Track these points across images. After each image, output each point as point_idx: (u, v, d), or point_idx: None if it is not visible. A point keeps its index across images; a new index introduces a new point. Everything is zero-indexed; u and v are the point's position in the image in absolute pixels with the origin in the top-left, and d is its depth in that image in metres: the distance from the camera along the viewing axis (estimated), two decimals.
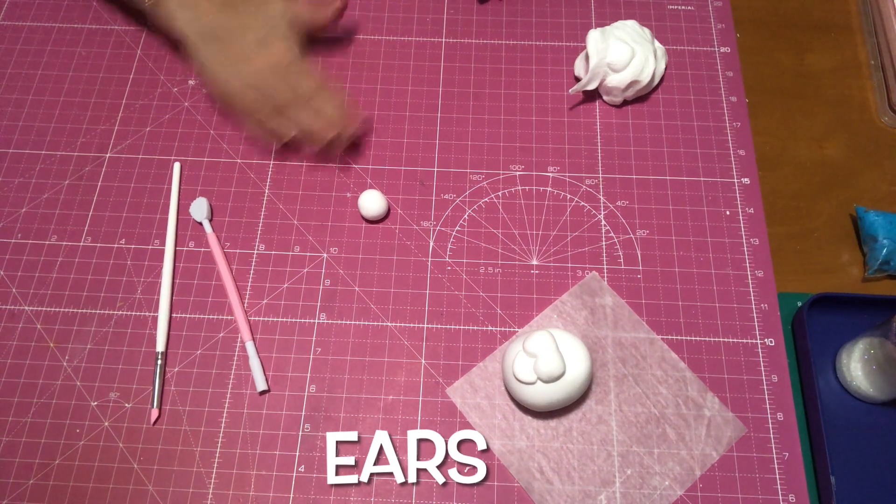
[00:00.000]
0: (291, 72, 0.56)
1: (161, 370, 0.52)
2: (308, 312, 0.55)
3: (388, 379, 0.53)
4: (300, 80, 0.56)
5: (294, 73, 0.56)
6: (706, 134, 0.61)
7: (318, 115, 0.57)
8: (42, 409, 0.52)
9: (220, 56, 0.56)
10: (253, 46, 0.56)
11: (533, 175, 0.60)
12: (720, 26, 0.66)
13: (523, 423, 0.51)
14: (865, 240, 0.56)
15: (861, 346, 0.52)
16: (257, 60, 0.56)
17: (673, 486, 0.49)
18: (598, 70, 0.59)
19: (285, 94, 0.56)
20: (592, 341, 0.53)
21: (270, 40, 0.56)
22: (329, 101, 0.57)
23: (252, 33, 0.56)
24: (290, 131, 0.57)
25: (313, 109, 0.56)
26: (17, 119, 0.62)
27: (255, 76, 0.56)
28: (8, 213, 0.58)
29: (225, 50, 0.56)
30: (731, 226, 0.57)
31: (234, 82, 0.56)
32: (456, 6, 0.67)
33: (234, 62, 0.56)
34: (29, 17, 0.67)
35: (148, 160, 0.60)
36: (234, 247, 0.57)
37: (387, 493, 0.49)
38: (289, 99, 0.56)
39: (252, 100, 0.56)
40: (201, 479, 0.50)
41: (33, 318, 0.54)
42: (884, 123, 0.62)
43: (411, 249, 0.57)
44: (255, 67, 0.56)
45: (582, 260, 0.56)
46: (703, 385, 0.52)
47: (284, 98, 0.56)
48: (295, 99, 0.56)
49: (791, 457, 0.50)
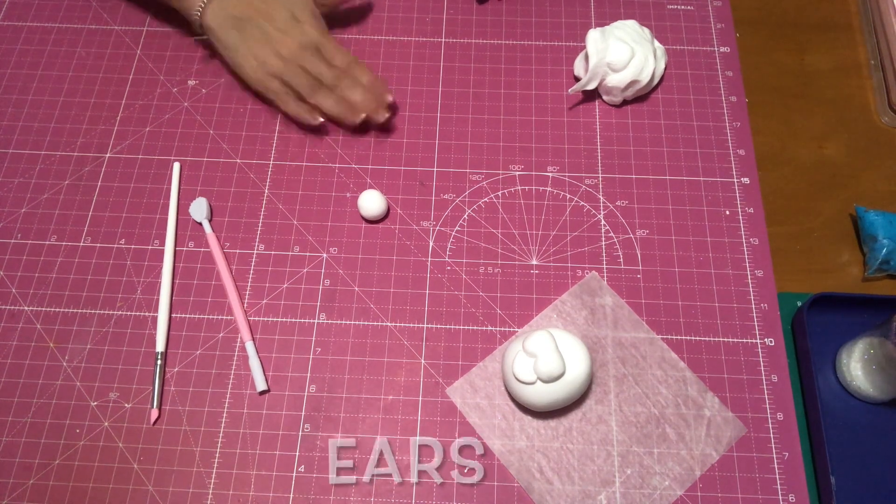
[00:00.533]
0: (323, 47, 0.57)
1: (161, 370, 0.52)
2: (308, 312, 0.55)
3: (388, 379, 0.53)
4: (324, 66, 0.57)
5: (318, 57, 0.57)
6: (706, 134, 0.61)
7: (355, 87, 0.57)
8: (42, 409, 0.52)
9: (244, 46, 0.57)
10: (275, 34, 0.56)
11: (533, 175, 0.60)
12: (720, 26, 0.66)
13: (523, 423, 0.51)
14: (865, 240, 0.56)
15: (861, 346, 0.51)
16: (289, 39, 0.56)
17: (673, 486, 0.49)
18: (598, 70, 0.59)
19: (309, 80, 0.57)
20: (592, 341, 0.53)
21: (292, 26, 0.57)
22: (356, 86, 0.58)
23: (279, 13, 0.57)
24: (315, 119, 0.58)
25: (349, 82, 0.57)
26: (17, 119, 0.62)
27: (278, 64, 0.56)
28: (8, 213, 0.58)
29: (248, 39, 0.57)
30: (731, 226, 0.57)
31: (259, 71, 0.57)
32: (456, 6, 0.67)
33: (258, 51, 0.57)
34: (29, 17, 0.67)
35: (148, 160, 0.60)
36: (234, 247, 0.57)
37: (387, 493, 0.49)
38: (313, 85, 0.57)
39: (277, 88, 0.57)
40: (201, 479, 0.50)
41: (33, 318, 0.54)
42: (884, 123, 0.62)
43: (411, 249, 0.57)
44: (278, 55, 0.56)
45: (582, 260, 0.56)
46: (703, 385, 0.52)
47: (308, 84, 0.57)
48: (329, 73, 0.57)
49: (791, 457, 0.50)
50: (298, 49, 0.56)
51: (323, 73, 0.57)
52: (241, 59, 0.58)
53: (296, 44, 0.56)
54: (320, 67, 0.57)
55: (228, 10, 0.57)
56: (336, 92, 0.58)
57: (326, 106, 0.58)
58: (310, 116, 0.58)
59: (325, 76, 0.57)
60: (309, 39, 0.57)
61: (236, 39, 0.57)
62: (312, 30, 0.57)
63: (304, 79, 0.57)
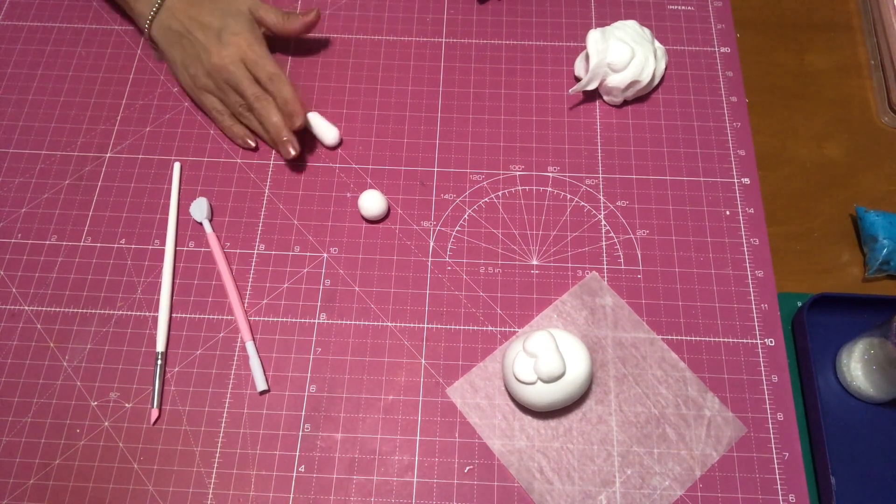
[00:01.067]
0: (249, 59, 0.56)
1: (161, 370, 0.52)
2: (308, 312, 0.55)
3: (388, 379, 0.53)
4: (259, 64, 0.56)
5: (252, 60, 0.56)
6: (706, 134, 0.61)
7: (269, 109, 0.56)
8: (42, 409, 0.52)
9: (183, 53, 0.57)
10: (212, 40, 0.56)
11: (533, 175, 0.60)
12: (720, 26, 0.66)
13: (523, 423, 0.51)
14: (865, 240, 0.56)
15: (861, 346, 0.52)
16: (216, 54, 0.56)
17: (673, 486, 0.49)
18: (598, 70, 0.59)
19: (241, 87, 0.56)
20: (592, 341, 0.53)
21: (227, 32, 0.56)
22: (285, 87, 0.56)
23: (210, 27, 0.57)
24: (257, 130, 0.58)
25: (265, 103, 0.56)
26: (17, 119, 0.62)
27: (216, 70, 0.56)
28: (8, 213, 0.58)
29: (186, 47, 0.57)
30: (731, 226, 0.57)
31: (200, 78, 0.57)
32: (456, 6, 0.67)
33: (196, 59, 0.57)
34: (29, 17, 0.67)
35: (148, 160, 0.60)
36: (234, 247, 0.57)
37: (387, 493, 0.49)
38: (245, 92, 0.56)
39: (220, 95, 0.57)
40: (201, 479, 0.50)
41: (33, 318, 0.54)
42: (884, 123, 0.62)
43: (411, 249, 0.57)
44: (216, 61, 0.56)
45: (582, 260, 0.56)
46: (703, 385, 0.52)
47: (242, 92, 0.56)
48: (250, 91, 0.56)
49: (791, 457, 0.50)
50: (224, 64, 0.55)
51: (244, 91, 0.55)
52: (178, 73, 0.58)
53: (221, 59, 0.55)
54: (241, 85, 0.56)
55: (167, 23, 0.57)
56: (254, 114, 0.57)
57: (253, 127, 0.57)
58: (241, 140, 0.58)
59: (246, 95, 0.56)
60: (235, 54, 0.56)
61: (174, 53, 0.58)
62: (243, 42, 0.56)
63: (234, 97, 0.56)
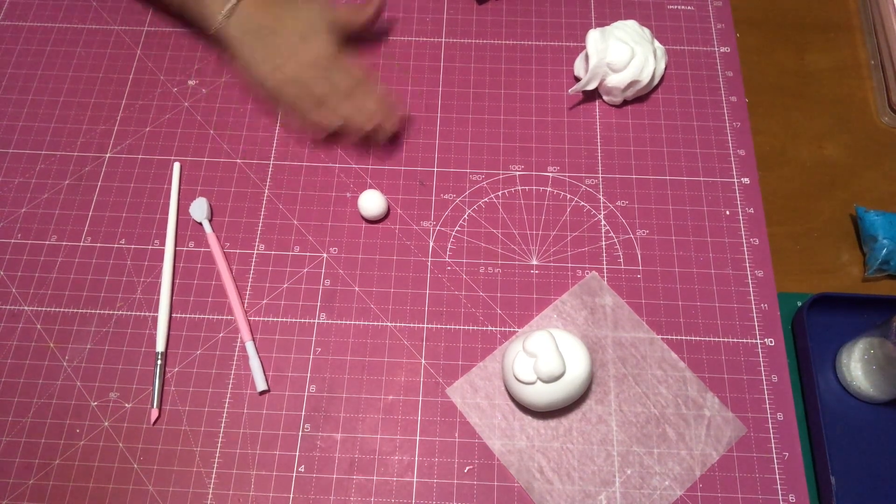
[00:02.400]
0: (332, 66, 0.58)
1: (161, 370, 0.52)
2: (308, 312, 0.55)
3: (388, 379, 0.53)
4: (340, 74, 0.58)
5: (334, 67, 0.58)
6: (706, 134, 0.61)
7: (359, 107, 0.58)
8: (42, 409, 0.52)
9: (263, 52, 0.58)
10: (294, 42, 0.58)
11: (533, 175, 0.60)
12: (720, 26, 0.66)
13: (523, 423, 0.51)
14: (865, 240, 0.56)
15: (861, 346, 0.52)
16: (299, 55, 0.57)
17: (673, 486, 0.49)
18: (598, 70, 0.59)
19: (325, 87, 0.58)
20: (592, 341, 0.53)
21: (311, 36, 0.58)
22: (370, 95, 0.58)
23: (293, 30, 0.58)
24: (332, 123, 0.59)
25: (354, 102, 0.58)
26: (17, 119, 0.62)
27: (297, 70, 0.57)
28: (8, 213, 0.58)
29: (268, 46, 0.58)
30: (731, 226, 0.57)
31: (278, 76, 0.58)
32: (456, 6, 0.67)
33: (277, 57, 0.58)
34: (29, 17, 0.67)
35: (148, 160, 0.60)
36: (234, 247, 0.57)
37: (387, 493, 0.49)
38: (329, 92, 0.58)
39: (294, 93, 0.58)
40: (201, 479, 0.50)
41: (33, 318, 0.54)
42: (884, 123, 0.62)
43: (411, 249, 0.57)
44: (297, 62, 0.57)
45: (582, 260, 0.56)
46: (703, 385, 0.52)
47: (324, 91, 0.58)
48: (335, 92, 0.58)
49: (791, 457, 0.50)
50: (314, 58, 0.58)
51: (339, 80, 0.58)
52: (259, 64, 0.58)
53: (312, 54, 0.58)
54: (336, 76, 0.58)
55: (246, 21, 0.58)
56: (351, 100, 0.58)
57: (342, 111, 0.58)
58: (326, 121, 0.59)
59: (341, 84, 0.58)
60: (324, 52, 0.58)
61: (255, 47, 0.58)
62: (328, 44, 0.59)
63: (320, 86, 0.58)
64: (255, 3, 0.58)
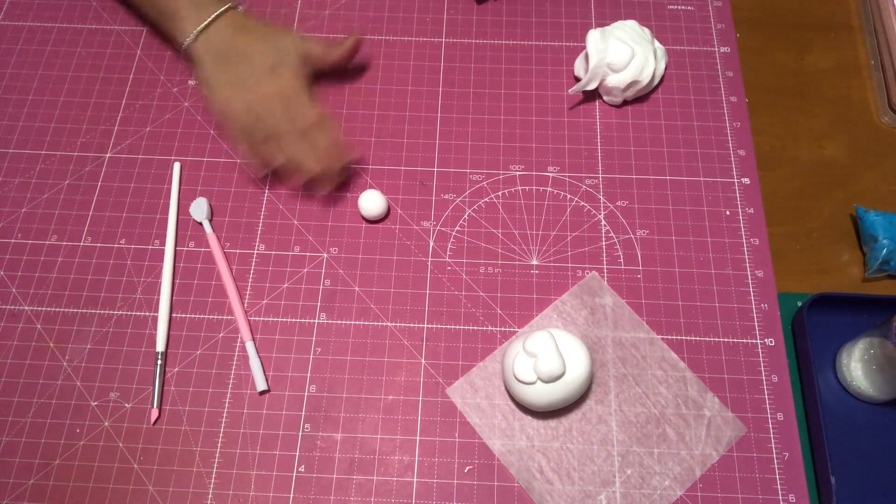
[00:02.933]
0: (292, 102, 0.56)
1: (161, 370, 0.52)
2: (308, 312, 0.55)
3: (388, 379, 0.53)
4: (299, 112, 0.56)
5: (295, 104, 0.56)
6: (706, 134, 0.61)
7: (311, 148, 0.56)
8: (42, 409, 0.52)
9: (226, 76, 0.56)
10: (263, 71, 0.56)
11: (533, 175, 0.60)
12: (720, 26, 0.66)
13: (523, 423, 0.51)
14: (865, 240, 0.56)
15: (861, 346, 0.52)
16: (262, 86, 0.56)
17: (673, 486, 0.49)
18: (598, 70, 0.59)
19: (281, 123, 0.56)
20: (592, 341, 0.53)
21: (280, 68, 0.57)
22: (324, 137, 0.56)
23: (264, 59, 0.57)
24: (277, 159, 0.56)
25: (306, 143, 0.56)
26: (17, 119, 0.62)
27: (256, 101, 0.56)
28: (8, 213, 0.58)
29: (234, 71, 0.56)
30: (731, 226, 0.57)
31: (237, 103, 0.56)
32: (456, 6, 0.67)
33: (240, 83, 0.56)
34: (29, 17, 0.67)
35: (148, 160, 0.60)
36: (234, 247, 0.57)
37: (387, 493, 0.49)
38: (283, 128, 0.56)
39: (247, 123, 0.56)
40: (201, 479, 0.50)
41: (33, 318, 0.54)
42: (884, 123, 0.62)
43: (411, 249, 0.57)
44: (259, 92, 0.56)
45: (582, 260, 0.56)
46: (703, 385, 0.52)
47: (278, 127, 0.56)
48: (289, 129, 0.56)
49: (791, 457, 0.50)
50: (277, 92, 0.56)
51: (296, 118, 0.56)
52: (220, 87, 0.57)
53: (276, 87, 0.56)
54: (295, 113, 0.56)
55: (217, 44, 0.57)
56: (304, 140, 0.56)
57: (291, 150, 0.56)
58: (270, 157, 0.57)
59: (297, 122, 0.56)
60: (288, 86, 0.56)
61: (219, 70, 0.57)
62: (295, 78, 0.57)
63: (275, 120, 0.56)
64: (233, 25, 0.57)
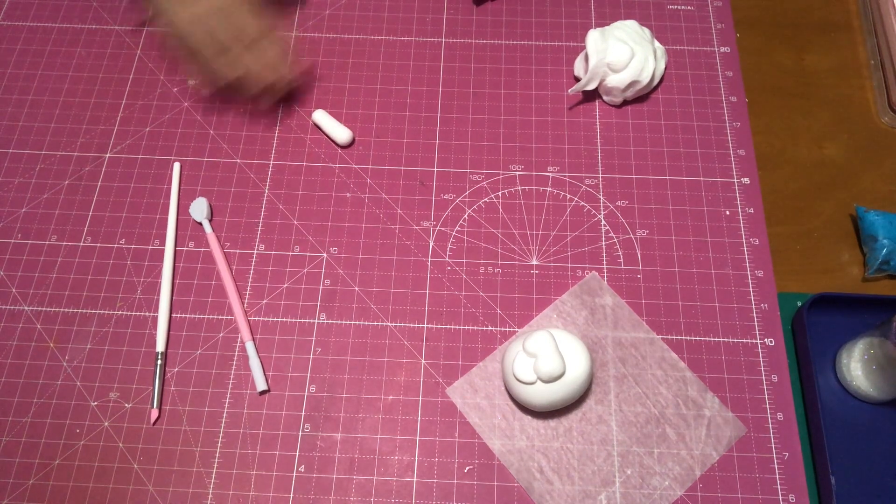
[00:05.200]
0: (238, 13, 0.57)
1: (161, 370, 0.52)
2: (308, 312, 0.55)
3: (388, 379, 0.53)
4: (246, 22, 0.57)
5: (240, 14, 0.57)
6: (706, 134, 0.61)
7: (260, 58, 0.58)
8: (42, 409, 0.52)
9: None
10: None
11: (533, 175, 0.60)
12: (720, 26, 0.66)
13: (523, 423, 0.51)
14: (865, 240, 0.56)
15: (861, 346, 0.52)
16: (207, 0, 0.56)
17: (673, 486, 0.49)
18: (598, 70, 0.59)
19: (230, 33, 0.57)
20: (592, 341, 0.53)
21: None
22: (273, 46, 0.58)
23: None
24: (232, 72, 0.58)
25: (256, 52, 0.57)
26: (17, 119, 0.62)
27: (203, 15, 0.56)
28: (8, 213, 0.58)
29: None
30: (731, 226, 0.57)
31: (182, 18, 0.56)
32: (456, 6, 0.67)
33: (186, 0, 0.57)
34: (29, 17, 0.67)
35: (148, 160, 0.60)
36: (234, 247, 0.57)
37: (387, 493, 0.49)
38: (232, 39, 0.57)
39: (199, 38, 0.57)
40: (201, 479, 0.50)
41: (33, 318, 0.54)
42: (884, 123, 0.62)
43: (411, 249, 0.57)
44: (204, 5, 0.56)
45: (582, 260, 0.56)
46: (703, 385, 0.52)
47: (228, 37, 0.57)
48: (238, 40, 0.57)
49: (791, 457, 0.50)
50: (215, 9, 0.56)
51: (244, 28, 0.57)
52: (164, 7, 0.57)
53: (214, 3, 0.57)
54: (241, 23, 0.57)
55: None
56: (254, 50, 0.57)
57: (244, 62, 0.57)
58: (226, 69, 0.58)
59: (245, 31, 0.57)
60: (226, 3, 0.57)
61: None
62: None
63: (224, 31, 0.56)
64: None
